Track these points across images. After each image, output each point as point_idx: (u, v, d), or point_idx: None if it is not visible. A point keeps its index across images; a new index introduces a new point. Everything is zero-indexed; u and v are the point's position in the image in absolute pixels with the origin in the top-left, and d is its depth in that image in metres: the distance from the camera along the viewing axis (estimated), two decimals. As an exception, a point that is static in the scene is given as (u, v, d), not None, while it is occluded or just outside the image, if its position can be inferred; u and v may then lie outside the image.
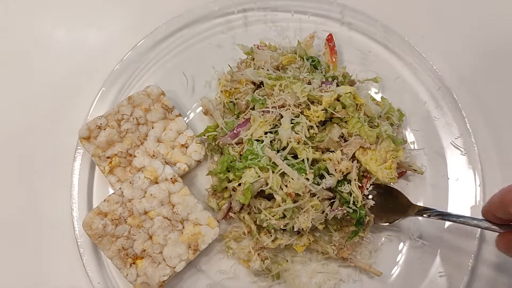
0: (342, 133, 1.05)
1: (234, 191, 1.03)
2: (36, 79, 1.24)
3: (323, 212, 1.00)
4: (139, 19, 1.30)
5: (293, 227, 1.00)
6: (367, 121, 1.04)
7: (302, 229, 1.00)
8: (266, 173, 0.97)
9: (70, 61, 1.26)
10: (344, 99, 1.02)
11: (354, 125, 1.02)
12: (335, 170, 1.00)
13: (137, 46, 1.18)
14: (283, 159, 0.98)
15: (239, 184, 1.00)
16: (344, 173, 1.01)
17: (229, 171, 1.02)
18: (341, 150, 1.04)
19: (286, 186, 0.97)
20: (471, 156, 1.13)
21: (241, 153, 1.02)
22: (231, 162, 1.01)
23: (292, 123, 1.01)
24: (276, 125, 1.02)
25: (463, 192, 1.12)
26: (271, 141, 1.01)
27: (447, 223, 1.10)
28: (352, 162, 1.02)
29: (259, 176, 0.97)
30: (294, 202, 0.98)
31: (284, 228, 1.01)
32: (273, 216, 1.00)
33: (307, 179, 0.96)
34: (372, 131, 1.02)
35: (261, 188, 0.99)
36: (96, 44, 1.28)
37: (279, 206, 0.98)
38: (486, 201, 0.89)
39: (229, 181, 1.03)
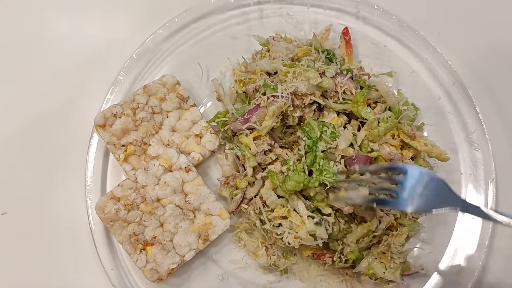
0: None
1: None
2: (53, 68, 1.25)
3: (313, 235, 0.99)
4: (156, 9, 1.30)
5: None
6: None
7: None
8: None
9: (86, 50, 1.26)
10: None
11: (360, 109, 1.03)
12: None
13: (153, 36, 1.19)
14: None
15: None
16: None
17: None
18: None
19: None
20: (485, 151, 1.13)
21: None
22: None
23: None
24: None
25: (476, 187, 1.12)
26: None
27: (459, 218, 1.11)
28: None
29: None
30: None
31: (279, 236, 1.01)
32: (269, 221, 1.02)
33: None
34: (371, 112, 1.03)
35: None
36: (112, 34, 1.29)
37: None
38: None
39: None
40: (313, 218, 0.98)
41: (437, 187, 0.83)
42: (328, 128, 1.02)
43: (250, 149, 1.03)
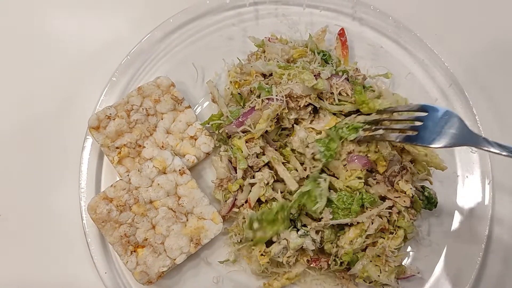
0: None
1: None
2: (47, 69, 1.24)
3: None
4: (151, 9, 1.29)
5: None
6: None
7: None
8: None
9: (80, 51, 1.25)
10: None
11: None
12: None
13: (148, 36, 1.18)
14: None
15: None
16: None
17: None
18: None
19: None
20: (481, 153, 1.13)
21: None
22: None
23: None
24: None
25: (473, 189, 1.12)
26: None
27: (455, 221, 1.10)
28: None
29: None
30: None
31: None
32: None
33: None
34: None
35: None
36: (107, 34, 1.28)
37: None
38: None
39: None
40: (297, 232, 0.99)
41: (458, 126, 0.88)
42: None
43: (242, 152, 1.02)
